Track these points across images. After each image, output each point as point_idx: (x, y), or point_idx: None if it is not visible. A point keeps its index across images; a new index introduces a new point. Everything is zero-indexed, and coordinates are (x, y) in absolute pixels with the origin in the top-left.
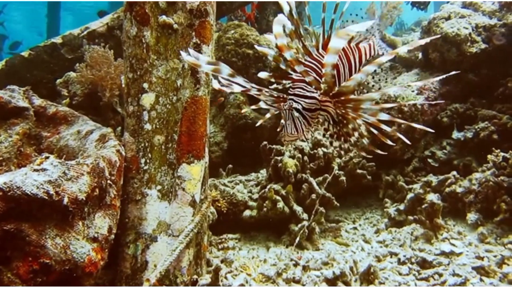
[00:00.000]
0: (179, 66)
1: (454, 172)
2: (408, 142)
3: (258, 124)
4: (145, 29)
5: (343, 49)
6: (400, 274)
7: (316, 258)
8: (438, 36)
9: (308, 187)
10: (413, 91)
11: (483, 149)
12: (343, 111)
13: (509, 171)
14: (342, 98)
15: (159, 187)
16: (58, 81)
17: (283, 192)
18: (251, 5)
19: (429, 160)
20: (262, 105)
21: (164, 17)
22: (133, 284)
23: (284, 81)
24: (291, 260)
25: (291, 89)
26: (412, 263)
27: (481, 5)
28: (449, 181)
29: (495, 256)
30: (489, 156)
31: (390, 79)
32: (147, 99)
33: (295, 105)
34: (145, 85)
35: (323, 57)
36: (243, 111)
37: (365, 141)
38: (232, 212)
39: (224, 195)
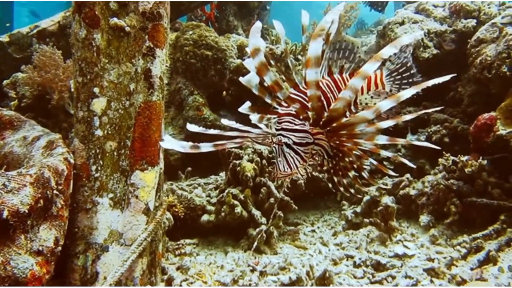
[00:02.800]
0: (132, 70)
1: (408, 175)
2: (413, 166)
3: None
4: (95, 32)
5: (334, 81)
6: (355, 277)
7: (273, 263)
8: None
9: (267, 191)
10: (369, 96)
11: (435, 151)
12: (337, 142)
13: (459, 174)
14: (334, 125)
15: (111, 195)
16: (5, 82)
17: (241, 196)
18: (210, 5)
19: (385, 163)
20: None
21: (115, 19)
22: None
23: (268, 115)
24: (248, 265)
25: (277, 124)
26: (367, 266)
27: (432, 11)
28: (403, 183)
29: (444, 258)
30: (440, 159)
31: None
32: (98, 104)
33: (284, 140)
34: (96, 90)
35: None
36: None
37: (365, 174)
38: (189, 217)
39: (181, 200)
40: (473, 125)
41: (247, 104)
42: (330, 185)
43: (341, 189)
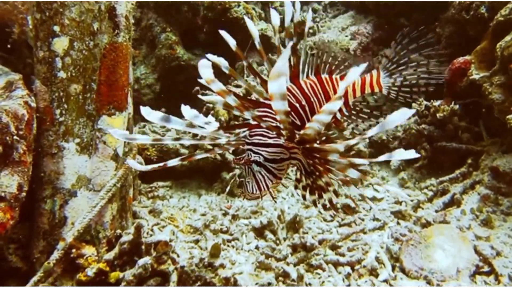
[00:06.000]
0: (95, 8)
1: (382, 119)
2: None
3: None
4: None
5: (321, 82)
6: (325, 220)
7: (246, 206)
8: None
9: None
10: (346, 36)
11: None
12: (311, 161)
13: (430, 119)
14: (307, 146)
15: (77, 140)
16: None
17: None
18: None
19: (361, 106)
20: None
21: None
22: (51, 240)
23: (237, 130)
24: (221, 209)
25: (248, 138)
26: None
27: None
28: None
29: (412, 201)
30: (413, 105)
31: (330, 17)
32: (60, 43)
33: (254, 157)
34: (56, 28)
35: (293, 90)
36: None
37: (340, 201)
38: (163, 160)
39: (153, 143)
40: (448, 69)
41: (210, 128)
42: (304, 201)
43: (317, 209)
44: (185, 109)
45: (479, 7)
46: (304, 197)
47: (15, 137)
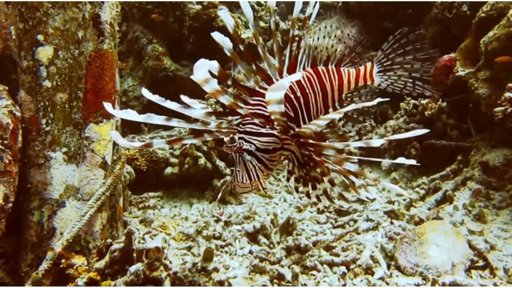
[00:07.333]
0: (79, 16)
1: (371, 121)
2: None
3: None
4: None
5: (317, 74)
6: (318, 223)
7: (238, 212)
8: None
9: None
10: (333, 40)
11: (398, 96)
12: (307, 152)
13: (419, 118)
14: (301, 140)
15: (64, 149)
16: None
17: (204, 148)
18: None
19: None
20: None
21: None
22: (39, 252)
23: (230, 117)
24: (213, 216)
25: (241, 126)
26: (330, 212)
27: None
28: (365, 129)
29: (404, 200)
30: (401, 104)
31: (315, 25)
32: (44, 52)
33: (246, 145)
34: (40, 37)
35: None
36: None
37: (336, 190)
38: (153, 170)
39: (143, 153)
40: (434, 67)
41: (202, 111)
42: (295, 194)
43: (310, 201)
44: (184, 97)
45: (461, 6)
46: (297, 189)
47: (0, 146)
